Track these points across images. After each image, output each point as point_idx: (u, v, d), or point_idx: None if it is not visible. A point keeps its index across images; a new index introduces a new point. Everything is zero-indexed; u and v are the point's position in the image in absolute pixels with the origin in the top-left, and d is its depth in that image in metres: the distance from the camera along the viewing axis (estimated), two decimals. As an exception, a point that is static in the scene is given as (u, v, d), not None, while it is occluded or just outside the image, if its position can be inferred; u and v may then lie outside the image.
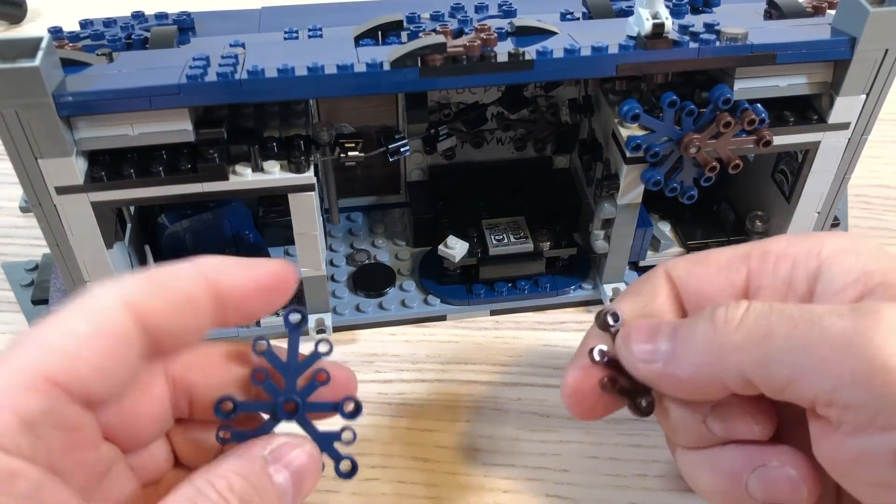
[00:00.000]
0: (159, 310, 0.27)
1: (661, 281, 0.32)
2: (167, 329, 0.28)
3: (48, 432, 0.24)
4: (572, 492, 0.38)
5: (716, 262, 0.31)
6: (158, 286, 0.28)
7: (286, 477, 0.29)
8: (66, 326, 0.26)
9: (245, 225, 0.49)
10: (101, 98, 0.35)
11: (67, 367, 0.25)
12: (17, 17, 0.83)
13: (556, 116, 0.52)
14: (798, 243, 0.30)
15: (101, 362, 0.26)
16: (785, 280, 0.30)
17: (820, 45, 0.40)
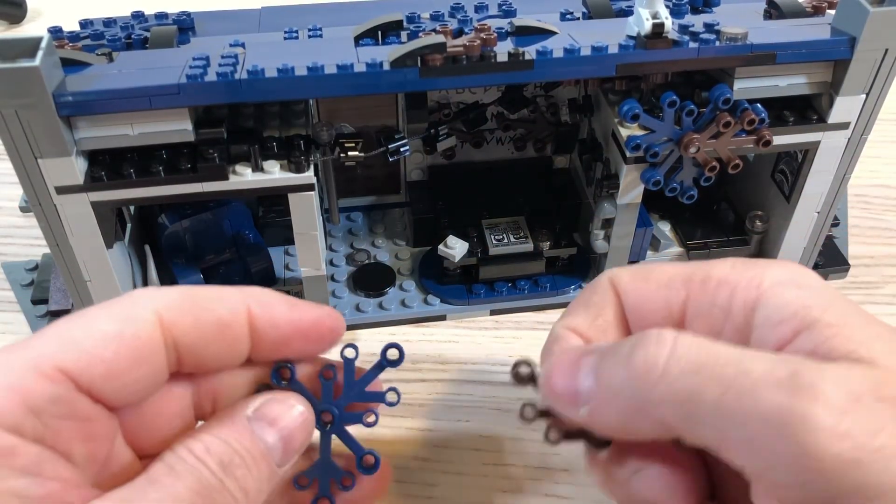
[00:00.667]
0: (190, 330, 0.28)
1: (609, 293, 0.31)
2: (196, 351, 0.28)
3: (55, 420, 0.24)
4: (572, 492, 0.38)
5: (657, 280, 0.30)
6: (197, 307, 0.28)
7: (273, 435, 0.28)
8: (94, 324, 0.26)
9: (245, 225, 0.49)
10: (101, 98, 0.35)
11: (82, 363, 0.25)
12: (17, 17, 0.83)
13: (556, 116, 0.52)
14: (741, 271, 0.29)
15: (118, 366, 0.26)
16: (723, 308, 0.29)
17: (820, 45, 0.40)
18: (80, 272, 0.41)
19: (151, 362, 0.27)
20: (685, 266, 0.31)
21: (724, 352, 0.25)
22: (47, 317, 0.46)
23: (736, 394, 0.24)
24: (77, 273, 0.41)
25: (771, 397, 0.23)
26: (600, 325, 0.31)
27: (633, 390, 0.25)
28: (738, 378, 0.24)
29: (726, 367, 0.24)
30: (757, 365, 0.24)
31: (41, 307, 0.47)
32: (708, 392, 0.24)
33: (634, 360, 0.25)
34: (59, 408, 0.25)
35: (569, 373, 0.28)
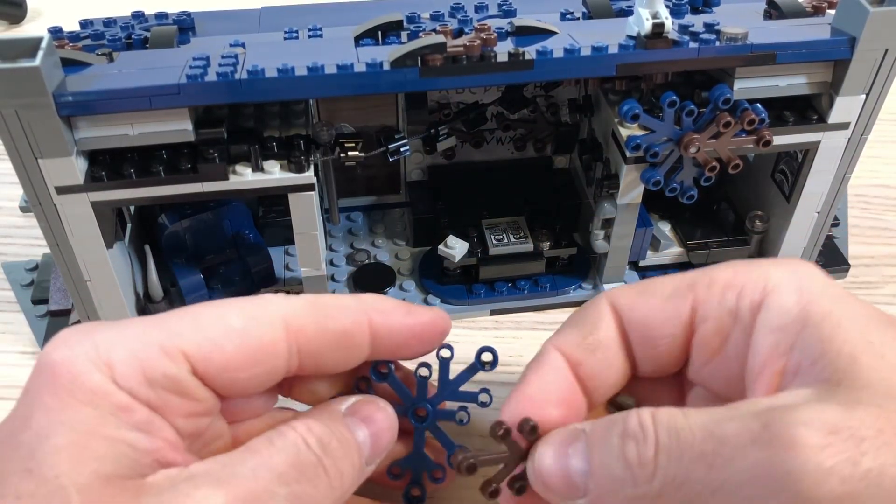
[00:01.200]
0: (315, 337, 0.29)
1: (605, 311, 0.32)
2: (318, 357, 0.30)
3: (166, 395, 0.27)
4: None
5: (661, 293, 0.31)
6: (322, 315, 0.30)
7: (364, 432, 0.30)
8: (224, 316, 0.28)
9: (245, 225, 0.49)
10: (101, 98, 0.35)
11: (203, 350, 0.27)
12: (17, 17, 0.83)
13: (556, 116, 0.52)
14: (745, 273, 0.29)
15: (236, 361, 0.28)
16: (731, 310, 0.29)
17: (820, 45, 0.40)
18: (80, 272, 0.41)
19: (268, 364, 0.29)
20: (686, 275, 0.31)
21: (697, 423, 0.25)
22: (47, 317, 0.46)
23: (720, 466, 0.24)
24: (77, 273, 0.41)
25: (752, 457, 0.24)
26: (590, 344, 0.31)
27: (632, 485, 0.26)
28: (717, 450, 0.24)
29: (704, 443, 0.25)
30: (729, 428, 0.24)
31: (41, 307, 0.47)
32: (696, 473, 0.24)
33: (628, 454, 0.26)
34: (173, 384, 0.27)
35: (558, 464, 0.28)
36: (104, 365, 0.26)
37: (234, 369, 0.28)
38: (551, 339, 0.32)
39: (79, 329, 0.27)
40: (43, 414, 0.25)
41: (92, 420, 0.25)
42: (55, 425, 0.25)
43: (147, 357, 0.27)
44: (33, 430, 0.25)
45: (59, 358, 0.26)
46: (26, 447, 0.24)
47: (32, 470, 0.24)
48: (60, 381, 0.26)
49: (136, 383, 0.26)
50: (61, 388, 0.25)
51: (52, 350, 0.27)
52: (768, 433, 0.24)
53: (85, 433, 0.25)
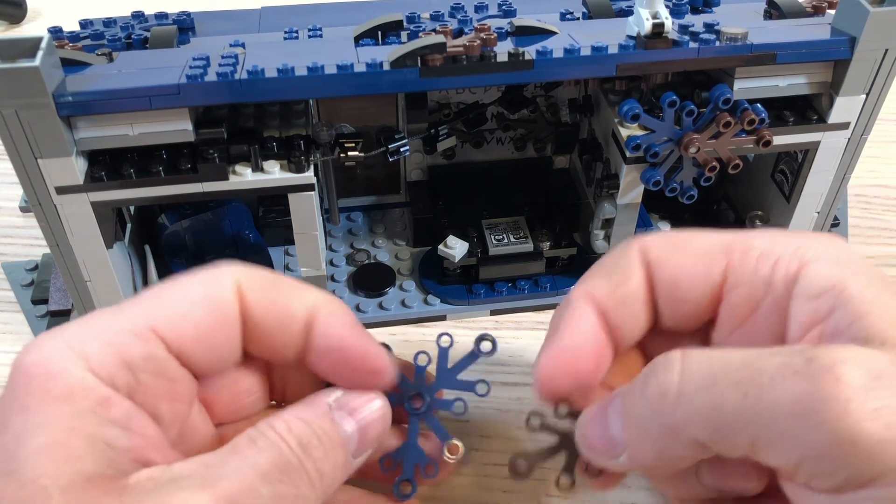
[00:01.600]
0: (261, 310, 0.29)
1: (636, 262, 0.30)
2: (261, 331, 0.30)
3: (146, 377, 0.27)
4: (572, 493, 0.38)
5: (695, 250, 0.30)
6: (275, 291, 0.30)
7: (352, 424, 0.30)
8: (184, 289, 0.28)
9: (245, 225, 0.49)
10: (101, 98, 0.35)
11: (173, 323, 0.27)
12: (17, 17, 0.83)
13: (556, 116, 0.52)
14: (783, 242, 0.29)
15: (206, 327, 0.28)
16: (765, 280, 0.28)
17: (820, 45, 0.40)
18: (80, 272, 0.41)
19: (232, 326, 0.29)
20: (724, 235, 0.30)
21: (736, 357, 0.25)
22: (47, 317, 0.46)
23: (756, 394, 0.23)
24: (77, 273, 0.41)
25: (792, 388, 0.23)
26: (620, 296, 0.30)
27: (657, 420, 0.25)
28: (755, 378, 0.23)
29: (740, 371, 0.24)
30: (771, 361, 0.24)
31: (41, 307, 0.47)
32: (729, 400, 0.24)
33: (649, 390, 0.26)
34: (150, 364, 0.27)
35: (599, 426, 0.28)
36: (79, 359, 0.26)
37: (206, 337, 0.28)
38: (582, 287, 0.31)
39: (48, 332, 0.27)
40: (20, 415, 0.25)
41: (70, 419, 0.25)
42: (33, 426, 0.24)
43: (120, 342, 0.26)
44: (11, 432, 0.24)
45: (33, 359, 0.26)
46: (5, 450, 0.24)
47: (12, 472, 0.24)
48: (36, 381, 0.25)
49: (114, 370, 0.26)
50: (37, 389, 0.25)
51: (25, 353, 0.26)
52: (813, 366, 0.23)
53: (64, 432, 0.24)
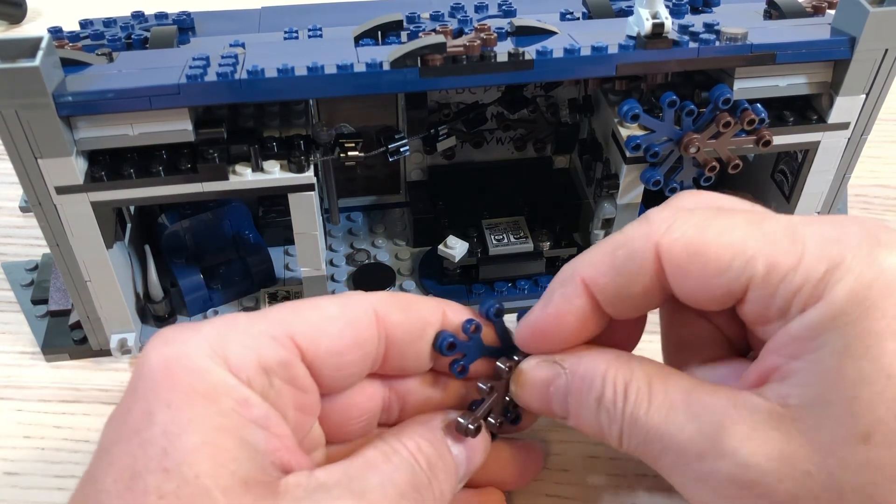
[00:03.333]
0: (400, 324, 0.30)
1: (649, 266, 0.28)
2: (402, 346, 0.31)
3: (280, 384, 0.27)
4: (572, 492, 0.38)
5: (716, 262, 0.27)
6: (404, 305, 0.31)
7: (461, 451, 0.31)
8: (321, 306, 0.29)
9: (245, 225, 0.49)
10: (101, 98, 0.35)
11: (311, 335, 0.28)
12: (17, 17, 0.83)
13: (556, 116, 0.52)
14: (808, 267, 0.26)
15: (340, 344, 0.29)
16: (781, 310, 0.26)
17: (820, 45, 0.40)
18: (80, 272, 0.41)
19: (366, 348, 0.30)
20: (746, 237, 0.27)
21: (653, 426, 0.28)
22: (47, 317, 0.46)
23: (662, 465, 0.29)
24: (77, 273, 0.41)
25: (684, 477, 0.28)
26: (621, 295, 0.29)
27: (606, 439, 0.30)
28: (661, 454, 0.28)
29: (652, 444, 0.28)
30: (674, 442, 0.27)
31: (41, 307, 0.47)
32: (647, 460, 0.29)
33: (602, 423, 0.29)
34: (285, 371, 0.27)
35: (540, 399, 0.31)
36: (220, 357, 0.26)
37: (339, 353, 0.29)
38: (582, 269, 0.30)
39: (183, 326, 0.27)
40: (166, 411, 0.24)
41: (217, 417, 0.25)
42: (183, 423, 0.24)
43: (259, 346, 0.27)
44: (159, 426, 0.24)
45: (174, 353, 0.26)
46: (156, 446, 0.24)
47: (169, 469, 0.23)
48: (178, 376, 0.25)
49: (252, 373, 0.26)
50: (181, 384, 0.25)
51: (162, 346, 0.26)
52: (699, 466, 0.27)
53: (214, 431, 0.24)
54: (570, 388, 0.30)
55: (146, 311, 0.46)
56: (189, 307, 0.46)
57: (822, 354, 0.25)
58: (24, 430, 0.41)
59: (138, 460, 0.24)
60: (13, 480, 0.39)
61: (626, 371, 0.29)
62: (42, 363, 0.45)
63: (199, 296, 0.46)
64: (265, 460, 0.25)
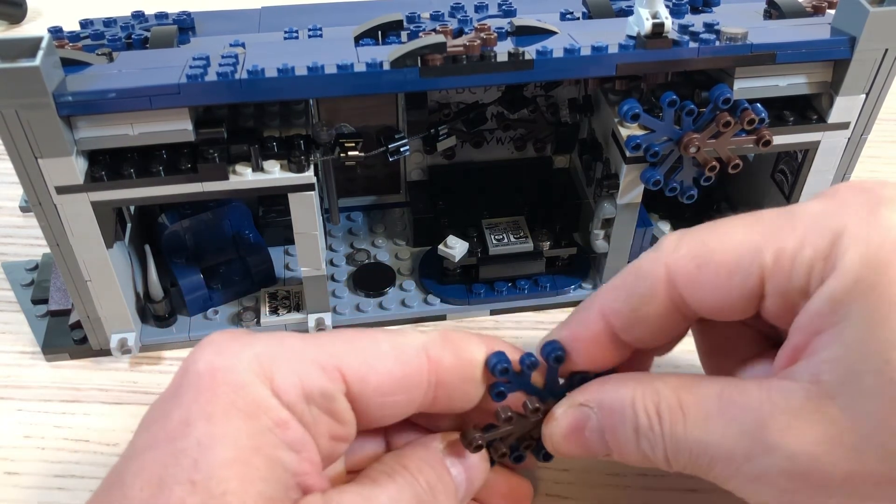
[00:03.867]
0: (451, 366, 0.30)
1: (661, 286, 0.29)
2: (450, 387, 0.30)
3: (318, 413, 0.27)
4: (572, 492, 0.38)
5: (724, 266, 0.27)
6: (454, 345, 0.30)
7: (461, 472, 0.31)
8: (375, 340, 0.29)
9: (245, 225, 0.49)
10: (101, 98, 0.35)
11: (359, 369, 0.28)
12: (17, 17, 0.83)
13: (556, 116, 0.52)
14: (815, 242, 0.26)
15: (388, 384, 0.28)
16: (801, 290, 0.26)
17: (820, 45, 0.40)
18: (80, 272, 0.41)
19: (413, 392, 0.29)
20: (749, 235, 0.27)
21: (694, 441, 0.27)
22: (47, 317, 0.46)
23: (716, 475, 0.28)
24: (77, 273, 0.41)
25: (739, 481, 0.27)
26: (637, 317, 0.30)
27: (654, 465, 0.29)
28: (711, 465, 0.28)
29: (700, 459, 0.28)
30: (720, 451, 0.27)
31: (41, 307, 0.47)
32: (700, 474, 0.28)
33: (644, 449, 0.29)
34: (326, 402, 0.27)
35: (575, 444, 0.31)
36: (266, 377, 0.26)
37: (385, 393, 0.28)
38: (598, 301, 0.31)
39: (236, 336, 0.27)
40: (204, 423, 0.24)
41: (254, 435, 0.25)
42: (219, 437, 0.24)
43: (307, 373, 0.27)
44: (194, 438, 0.24)
45: (222, 365, 0.26)
46: (188, 457, 0.24)
47: (197, 483, 0.23)
48: (222, 389, 0.25)
49: (294, 398, 0.26)
50: (224, 397, 0.25)
51: (213, 355, 0.26)
52: (750, 467, 0.26)
53: (248, 450, 0.24)
54: (603, 426, 0.30)
55: (146, 310, 0.46)
56: (189, 307, 0.46)
57: (845, 325, 0.25)
58: (24, 430, 0.41)
59: (168, 469, 0.24)
60: (13, 480, 0.39)
61: (653, 393, 0.28)
62: (42, 363, 0.45)
63: (199, 296, 0.46)
64: (291, 482, 0.26)
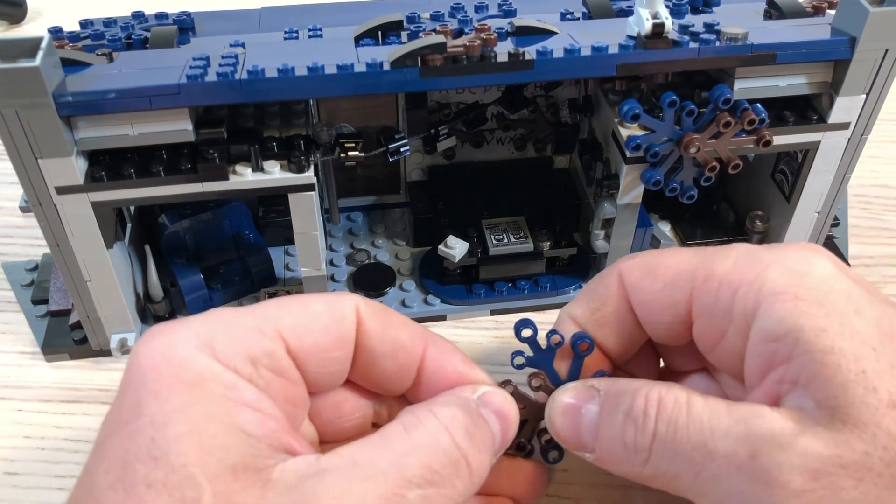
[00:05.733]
0: (375, 336, 0.30)
1: (615, 287, 0.32)
2: (372, 359, 0.30)
3: (267, 374, 0.27)
4: (572, 492, 0.38)
5: (663, 277, 0.31)
6: (387, 322, 0.30)
7: (494, 420, 0.30)
8: (308, 303, 0.29)
9: (245, 225, 0.49)
10: (102, 98, 0.35)
11: (295, 330, 0.28)
12: (17, 17, 0.83)
13: (556, 116, 0.52)
14: (743, 269, 0.29)
15: (324, 343, 0.28)
16: (725, 311, 0.29)
17: (820, 45, 0.40)
18: (80, 272, 0.41)
19: (348, 347, 0.29)
20: (691, 259, 0.31)
21: (695, 428, 0.27)
22: (47, 317, 0.46)
23: (705, 480, 0.27)
24: (77, 273, 0.41)
25: (734, 484, 0.26)
26: (599, 319, 0.33)
27: (628, 465, 0.29)
28: (705, 463, 0.27)
29: (695, 451, 0.27)
30: (721, 445, 0.26)
31: (41, 307, 0.47)
32: (684, 475, 0.27)
33: (626, 439, 0.28)
34: (271, 362, 0.27)
35: (570, 424, 0.31)
36: (206, 347, 0.26)
37: (323, 349, 0.28)
38: (567, 308, 0.34)
39: (171, 322, 0.27)
40: (154, 401, 0.25)
41: (205, 404, 0.25)
42: (170, 413, 0.24)
43: (245, 336, 0.27)
44: (147, 417, 0.24)
45: (161, 345, 0.26)
46: (144, 435, 0.24)
47: (158, 458, 0.24)
48: (165, 367, 0.25)
49: (240, 362, 0.26)
50: (168, 375, 0.25)
51: (150, 339, 0.26)
52: (753, 465, 0.26)
53: (201, 419, 0.24)
54: (601, 409, 0.30)
55: (146, 311, 0.46)
56: (189, 307, 0.46)
57: (807, 343, 0.26)
58: (24, 430, 0.41)
59: (128, 451, 0.24)
60: (13, 480, 0.39)
61: (663, 387, 0.29)
62: (42, 363, 0.45)
63: (199, 296, 0.46)
64: (260, 444, 0.25)
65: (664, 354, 0.36)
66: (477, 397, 0.30)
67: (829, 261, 0.28)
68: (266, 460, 0.25)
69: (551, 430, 0.31)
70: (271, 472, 0.25)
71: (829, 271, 0.28)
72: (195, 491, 0.23)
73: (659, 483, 0.28)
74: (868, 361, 0.26)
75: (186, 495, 0.23)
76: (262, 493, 0.24)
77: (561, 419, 0.31)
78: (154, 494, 0.23)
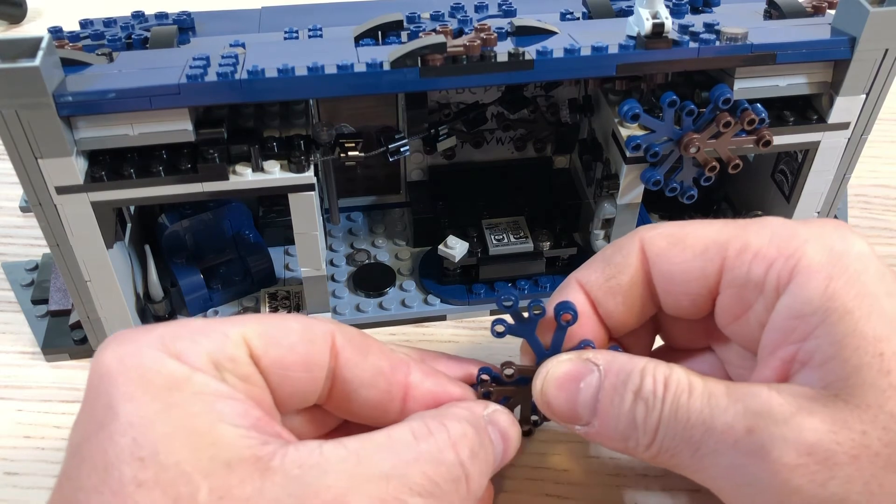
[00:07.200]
0: (352, 361, 0.29)
1: (634, 256, 0.32)
2: (350, 384, 0.30)
3: (233, 378, 0.27)
4: (572, 492, 0.38)
5: (692, 247, 0.30)
6: (367, 349, 0.30)
7: (498, 439, 0.30)
8: (283, 318, 0.29)
9: (245, 225, 0.49)
10: (102, 98, 0.35)
11: (262, 337, 0.28)
12: (17, 17, 0.83)
13: (556, 116, 0.52)
14: (779, 244, 0.29)
15: (290, 358, 0.28)
16: (757, 284, 0.29)
17: (820, 45, 0.40)
18: (80, 272, 0.41)
19: (314, 372, 0.29)
20: (722, 230, 0.30)
21: (696, 408, 0.27)
22: (47, 317, 0.46)
23: (703, 456, 0.27)
24: (77, 273, 0.41)
25: (730, 459, 0.27)
26: (612, 287, 0.32)
27: (634, 443, 0.29)
28: (703, 440, 0.27)
29: (695, 429, 0.27)
30: (719, 422, 0.27)
31: (41, 307, 0.47)
32: (684, 453, 0.28)
33: (637, 418, 0.28)
34: (235, 366, 0.27)
35: (567, 396, 0.30)
36: (172, 353, 0.26)
37: (286, 367, 0.28)
38: (577, 272, 0.33)
39: (133, 329, 0.27)
40: (129, 404, 0.24)
41: (185, 406, 0.25)
42: (150, 415, 0.24)
43: (210, 341, 0.27)
44: (124, 419, 0.24)
45: (127, 351, 0.26)
46: (125, 436, 0.24)
47: (144, 458, 0.23)
48: (134, 371, 0.25)
49: (205, 366, 0.26)
50: (138, 379, 0.25)
51: (115, 346, 0.26)
52: (750, 440, 0.26)
53: (184, 419, 0.24)
54: (602, 385, 0.29)
55: (146, 311, 0.46)
56: (189, 307, 0.46)
57: (830, 325, 0.26)
58: (24, 430, 0.41)
59: (109, 452, 0.24)
60: (13, 480, 0.39)
61: (666, 367, 0.29)
62: (42, 363, 0.45)
63: (199, 296, 0.46)
64: (250, 433, 0.25)
65: (667, 330, 0.36)
66: (487, 414, 0.31)
67: (863, 240, 0.28)
68: (263, 447, 0.25)
69: (541, 400, 0.31)
70: (271, 459, 0.24)
71: (866, 251, 0.28)
72: (190, 487, 0.23)
73: (657, 460, 0.29)
74: (888, 344, 0.26)
75: (181, 491, 0.23)
76: (261, 483, 0.24)
77: (556, 391, 0.31)
78: (145, 493, 0.23)
